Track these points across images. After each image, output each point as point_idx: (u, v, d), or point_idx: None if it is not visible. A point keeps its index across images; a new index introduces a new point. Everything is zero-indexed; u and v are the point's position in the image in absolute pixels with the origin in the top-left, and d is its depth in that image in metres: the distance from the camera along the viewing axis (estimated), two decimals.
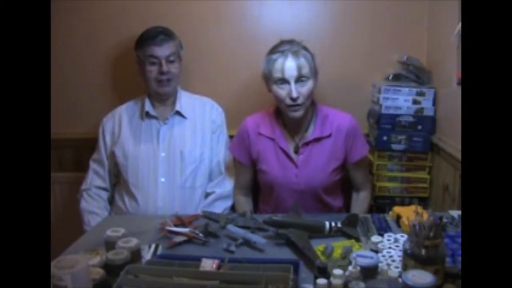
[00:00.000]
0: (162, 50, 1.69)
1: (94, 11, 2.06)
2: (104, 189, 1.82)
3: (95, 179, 1.81)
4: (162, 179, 1.71)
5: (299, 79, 1.52)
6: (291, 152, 1.64)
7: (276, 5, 2.03)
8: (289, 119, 1.63)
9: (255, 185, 1.81)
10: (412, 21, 2.01)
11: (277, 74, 1.53)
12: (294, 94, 1.51)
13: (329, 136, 1.62)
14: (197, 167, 1.75)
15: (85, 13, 2.06)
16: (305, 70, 1.52)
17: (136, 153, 1.73)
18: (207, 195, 1.79)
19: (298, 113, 1.57)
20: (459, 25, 1.54)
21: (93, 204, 1.77)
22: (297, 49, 1.53)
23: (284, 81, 1.53)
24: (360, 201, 1.74)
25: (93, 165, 1.82)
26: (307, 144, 1.63)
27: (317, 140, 1.62)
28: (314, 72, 1.57)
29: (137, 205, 1.70)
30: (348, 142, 1.63)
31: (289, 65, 1.51)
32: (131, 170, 1.72)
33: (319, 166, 1.62)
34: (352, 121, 1.65)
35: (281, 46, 1.55)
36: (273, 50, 1.56)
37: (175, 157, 1.73)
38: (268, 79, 1.58)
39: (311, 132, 1.64)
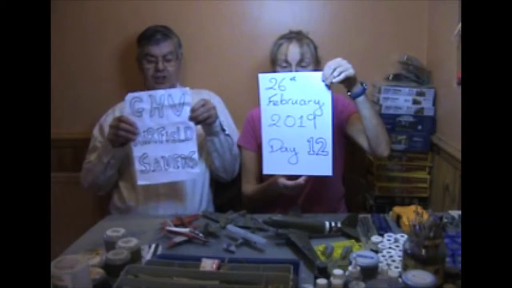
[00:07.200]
0: (159, 49, 1.72)
1: (95, 12, 2.06)
2: None
3: None
4: None
5: (300, 63, 1.61)
6: None
7: (276, 5, 2.03)
8: None
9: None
10: (412, 21, 2.01)
11: (281, 57, 1.63)
12: None
13: None
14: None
15: (86, 13, 2.06)
16: (307, 58, 1.62)
17: None
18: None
19: None
20: (459, 25, 1.54)
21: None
22: (302, 37, 1.65)
23: (287, 63, 1.62)
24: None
25: (89, 157, 1.75)
26: None
27: None
28: (316, 61, 1.67)
29: (138, 197, 1.70)
30: (337, 109, 1.63)
31: (292, 49, 1.61)
32: (132, 162, 1.71)
33: None
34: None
35: (289, 34, 1.67)
36: (281, 37, 1.68)
37: None
38: (274, 62, 1.68)
39: None
